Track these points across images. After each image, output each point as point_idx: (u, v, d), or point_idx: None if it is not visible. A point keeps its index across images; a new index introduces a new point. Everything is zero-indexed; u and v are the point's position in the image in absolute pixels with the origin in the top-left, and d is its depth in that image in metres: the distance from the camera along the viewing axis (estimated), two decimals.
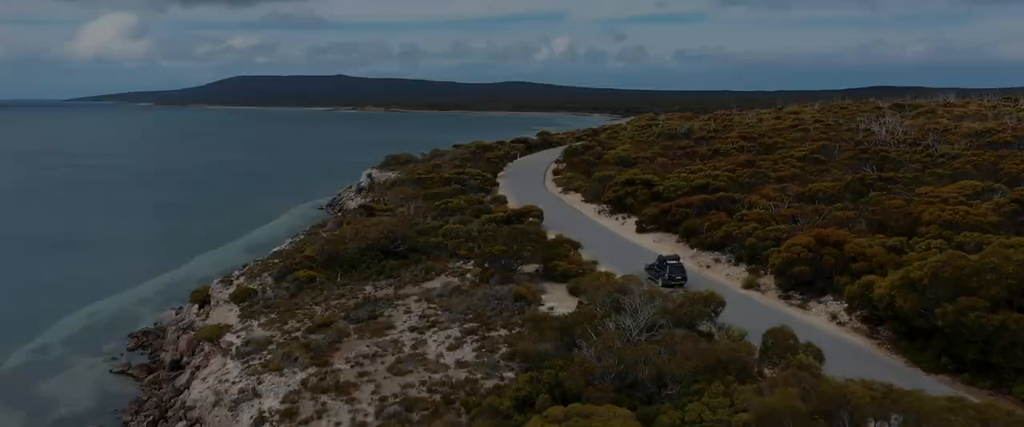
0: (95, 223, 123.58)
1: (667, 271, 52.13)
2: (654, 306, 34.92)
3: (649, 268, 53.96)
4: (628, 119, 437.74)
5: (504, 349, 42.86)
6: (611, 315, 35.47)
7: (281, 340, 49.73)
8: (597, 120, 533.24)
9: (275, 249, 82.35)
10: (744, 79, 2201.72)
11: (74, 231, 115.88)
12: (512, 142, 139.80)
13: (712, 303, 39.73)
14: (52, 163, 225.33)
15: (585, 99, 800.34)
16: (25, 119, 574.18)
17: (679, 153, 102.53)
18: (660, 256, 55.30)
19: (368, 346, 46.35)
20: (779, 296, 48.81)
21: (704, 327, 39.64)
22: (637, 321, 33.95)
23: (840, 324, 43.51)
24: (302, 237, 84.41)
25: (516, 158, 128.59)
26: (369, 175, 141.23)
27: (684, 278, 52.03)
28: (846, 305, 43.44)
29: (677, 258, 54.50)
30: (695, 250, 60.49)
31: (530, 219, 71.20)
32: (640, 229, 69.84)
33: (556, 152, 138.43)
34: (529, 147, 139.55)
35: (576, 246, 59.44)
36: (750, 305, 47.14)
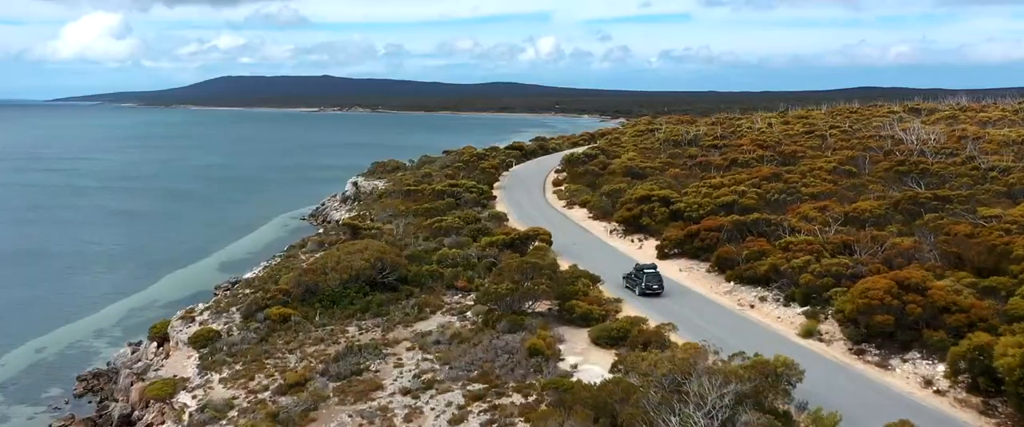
0: (57, 235, 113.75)
1: (643, 280, 50.87)
2: (728, 390, 26.07)
3: (627, 277, 52.81)
4: (620, 121, 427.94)
5: (521, 425, 33.99)
6: (670, 400, 26.57)
7: (245, 403, 40.67)
8: (586, 121, 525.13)
9: (248, 274, 73.11)
10: (728, 80, 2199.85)
11: (32, 245, 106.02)
12: (507, 149, 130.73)
13: (788, 374, 30.92)
14: (22, 167, 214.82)
15: (572, 99, 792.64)
16: (5, 120, 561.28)
17: (691, 163, 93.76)
18: (637, 264, 53.68)
19: (351, 415, 37.33)
20: (849, 350, 40.03)
21: (779, 402, 30.92)
22: (709, 415, 25.07)
23: (939, 393, 34.76)
24: (279, 259, 75.21)
25: (512, 166, 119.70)
26: (354, 183, 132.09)
27: (661, 287, 50.92)
28: (945, 369, 34.66)
29: (654, 266, 53.09)
30: (733, 284, 51.68)
31: (537, 243, 62.25)
32: (662, 254, 61.01)
33: (554, 159, 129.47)
34: (525, 154, 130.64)
35: (595, 280, 50.53)
36: (817, 362, 38.34)
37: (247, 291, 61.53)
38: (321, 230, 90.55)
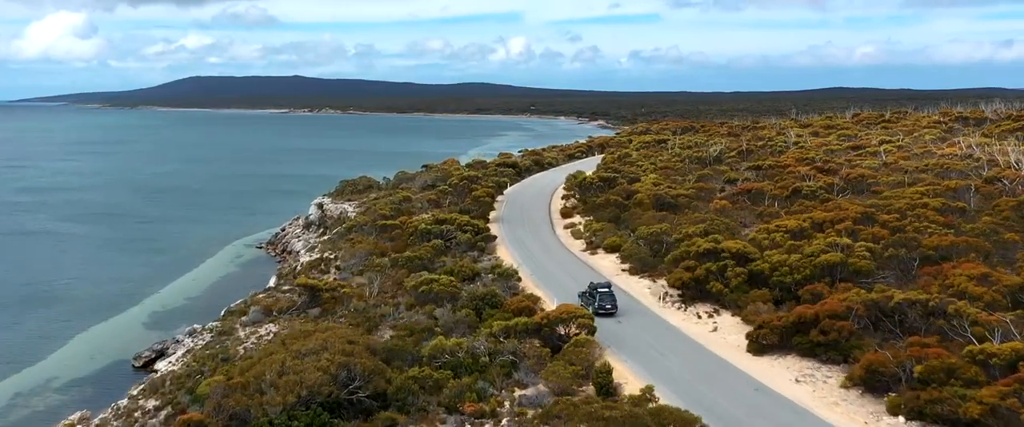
0: None
1: (597, 299, 48.82)
2: None
3: (581, 295, 50.96)
4: (599, 123, 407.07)
5: None
6: None
7: None
8: (563, 123, 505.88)
9: (162, 362, 52.82)
10: (698, 80, 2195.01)
11: None
12: (497, 166, 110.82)
13: None
14: None
15: (546, 100, 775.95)
16: None
17: (735, 191, 74.26)
18: (591, 283, 51.48)
19: None
20: None
21: None
22: None
23: None
24: (209, 335, 54.69)
25: (506, 187, 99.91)
26: (320, 205, 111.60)
27: (614, 307, 48.75)
28: None
29: (608, 285, 50.89)
30: (904, 423, 32.14)
31: (575, 333, 42.43)
32: (757, 347, 41.47)
33: (553, 177, 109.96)
34: (519, 172, 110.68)
35: (692, 424, 30.82)
36: None
37: (151, 404, 41.29)
38: (272, 282, 70.01)
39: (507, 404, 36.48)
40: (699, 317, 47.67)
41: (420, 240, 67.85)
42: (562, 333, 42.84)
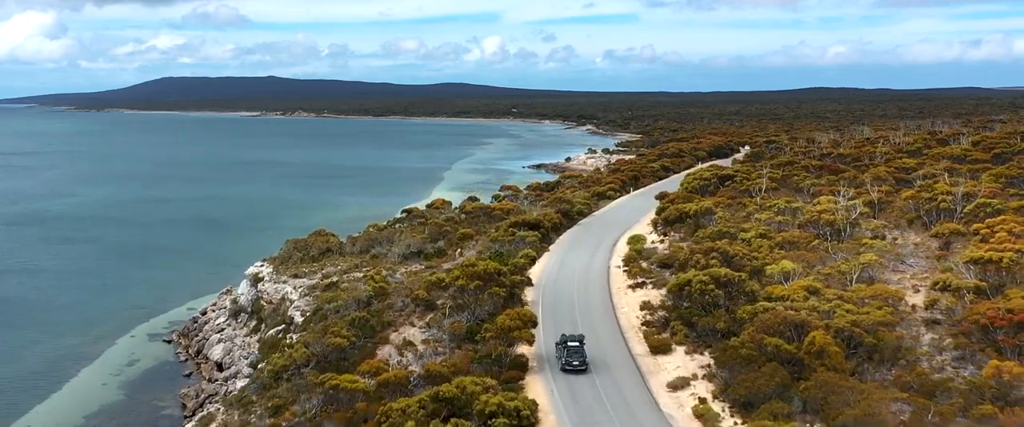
0: None
1: (565, 355, 43.60)
2: None
3: (557, 345, 45.58)
4: (587, 129, 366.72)
5: None
6: None
7: None
8: (549, 127, 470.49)
9: None
10: (674, 80, 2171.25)
11: None
12: (511, 226, 73.11)
13: None
14: None
15: (526, 101, 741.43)
16: None
17: (996, 320, 38.34)
18: (562, 335, 45.79)
19: None
20: None
21: None
22: None
23: None
24: None
25: (532, 265, 63.90)
26: (255, 279, 75.40)
27: (583, 363, 43.23)
28: None
29: (579, 339, 44.68)
30: None
31: None
32: None
33: (593, 242, 74.21)
34: (543, 234, 72.78)
35: None
36: None
37: None
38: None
39: None
40: None
41: None
42: None
